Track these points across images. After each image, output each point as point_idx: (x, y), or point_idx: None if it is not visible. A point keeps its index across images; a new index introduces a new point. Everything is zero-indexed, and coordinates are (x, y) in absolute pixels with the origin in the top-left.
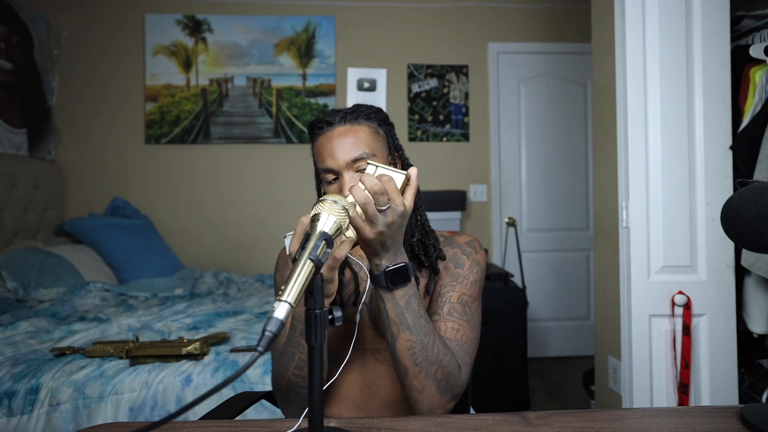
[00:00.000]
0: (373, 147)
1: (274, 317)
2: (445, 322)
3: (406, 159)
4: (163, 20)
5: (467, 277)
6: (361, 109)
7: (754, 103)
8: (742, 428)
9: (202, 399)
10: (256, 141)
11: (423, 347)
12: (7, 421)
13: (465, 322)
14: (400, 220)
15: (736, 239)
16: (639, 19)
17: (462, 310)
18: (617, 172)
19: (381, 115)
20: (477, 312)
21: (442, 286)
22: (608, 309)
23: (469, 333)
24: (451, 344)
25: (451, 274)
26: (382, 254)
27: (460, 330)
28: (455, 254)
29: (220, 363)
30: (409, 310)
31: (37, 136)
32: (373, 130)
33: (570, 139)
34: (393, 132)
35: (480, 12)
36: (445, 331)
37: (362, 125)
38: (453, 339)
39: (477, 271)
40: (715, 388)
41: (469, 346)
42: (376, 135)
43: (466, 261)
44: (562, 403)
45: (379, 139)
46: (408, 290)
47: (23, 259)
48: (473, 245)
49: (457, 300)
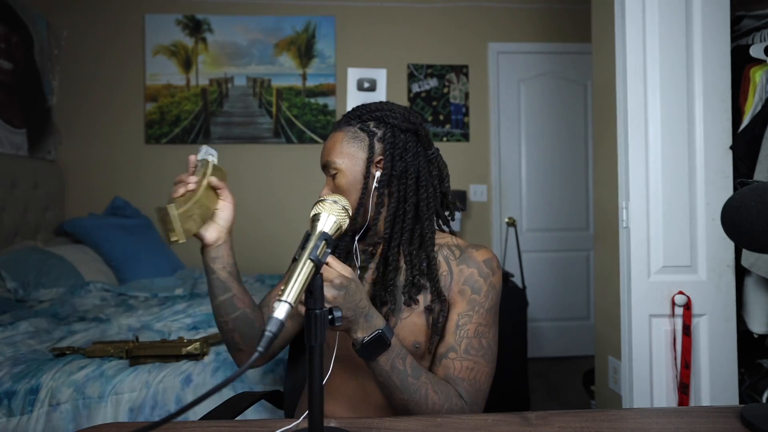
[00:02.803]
0: (345, 152)
1: (273, 317)
2: (461, 361)
3: (407, 165)
4: (163, 20)
5: (483, 304)
6: (356, 111)
7: (754, 103)
8: (742, 428)
9: (201, 399)
10: (256, 141)
11: (416, 404)
12: (7, 421)
13: (481, 358)
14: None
15: (736, 239)
16: (639, 19)
17: (479, 344)
18: (617, 172)
19: (379, 114)
20: (493, 340)
21: (460, 316)
22: (608, 309)
23: (484, 368)
24: (464, 384)
25: (468, 301)
26: (353, 328)
27: (474, 368)
28: (471, 275)
29: (220, 363)
30: (395, 373)
31: (37, 136)
32: (352, 133)
33: (570, 139)
34: (395, 131)
35: (480, 12)
36: (460, 371)
37: (342, 130)
38: (466, 379)
39: (493, 296)
40: (715, 388)
41: (483, 382)
42: (353, 139)
43: (483, 285)
44: (562, 403)
45: (357, 143)
46: (390, 354)
47: (23, 259)
48: (491, 265)
49: (474, 333)
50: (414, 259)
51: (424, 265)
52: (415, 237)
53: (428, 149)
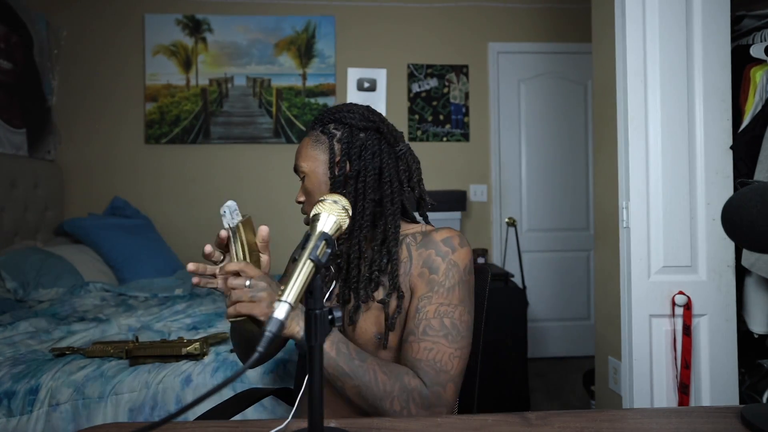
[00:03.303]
0: (309, 156)
1: (274, 317)
2: (419, 342)
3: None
4: (162, 20)
5: (443, 284)
6: (320, 115)
7: (755, 103)
8: (743, 428)
9: (201, 399)
10: (256, 141)
11: (367, 387)
12: (7, 421)
13: (441, 338)
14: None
15: (737, 239)
16: (639, 19)
17: (439, 324)
18: (617, 172)
19: (338, 115)
20: (460, 320)
21: (420, 299)
22: (608, 309)
23: (446, 348)
24: (420, 365)
25: (426, 282)
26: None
27: (433, 348)
28: (429, 256)
29: (220, 363)
30: (341, 357)
31: (37, 136)
32: (315, 137)
33: (570, 139)
34: (353, 131)
35: (480, 12)
36: (417, 352)
37: (308, 135)
38: (423, 359)
39: (454, 273)
40: (715, 389)
41: (444, 362)
42: (316, 143)
43: (441, 264)
44: (562, 404)
45: (319, 146)
46: (332, 338)
47: (23, 259)
48: (451, 243)
49: (433, 315)
50: (375, 255)
51: (384, 261)
52: (378, 233)
53: (395, 146)
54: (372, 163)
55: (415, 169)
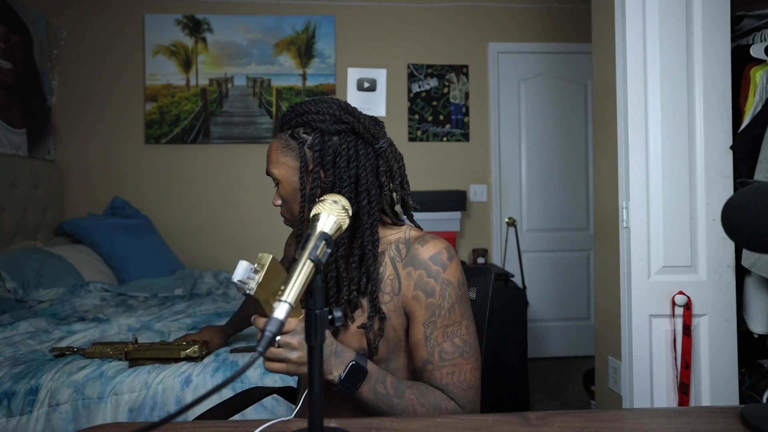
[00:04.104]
0: (280, 162)
1: (274, 317)
2: (439, 369)
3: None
4: (162, 20)
5: (442, 306)
6: (287, 116)
7: (755, 103)
8: (743, 428)
9: (201, 399)
10: (256, 141)
11: None
12: (7, 421)
13: (458, 358)
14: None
15: (737, 239)
16: (639, 19)
17: (451, 347)
18: (617, 172)
19: (307, 118)
20: (468, 332)
21: (425, 326)
22: (608, 309)
23: (465, 366)
24: (449, 389)
25: (426, 307)
26: (328, 368)
27: (455, 371)
28: (420, 278)
29: (219, 363)
30: (380, 398)
31: (37, 136)
32: (284, 142)
33: (570, 139)
34: (324, 136)
35: (480, 12)
36: (441, 379)
37: (277, 137)
38: (451, 383)
39: (450, 292)
40: (715, 389)
41: (468, 380)
42: (285, 149)
43: (435, 286)
44: (562, 404)
45: (289, 152)
46: (370, 381)
47: (23, 259)
48: (439, 260)
49: (443, 339)
50: (352, 274)
51: (364, 281)
52: (355, 249)
53: (374, 143)
54: (347, 171)
55: (396, 168)
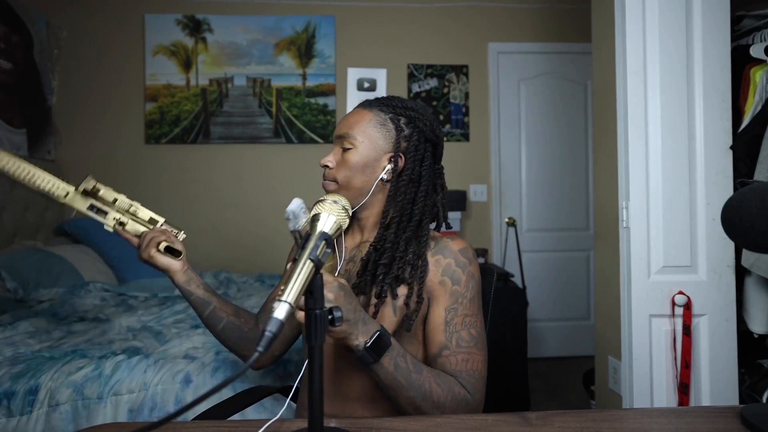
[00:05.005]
0: (368, 134)
1: (273, 317)
2: (455, 355)
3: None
4: (163, 20)
5: (465, 295)
6: (391, 101)
7: (755, 103)
8: (743, 428)
9: (201, 399)
10: (256, 141)
11: (423, 398)
12: (7, 421)
13: (473, 347)
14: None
15: (737, 239)
16: (639, 19)
17: (468, 336)
18: (617, 172)
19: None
20: (481, 327)
21: (447, 311)
22: (608, 309)
23: (478, 356)
24: (462, 375)
25: (450, 294)
26: (354, 333)
27: (469, 360)
28: (449, 266)
29: (220, 363)
30: (399, 371)
31: (37, 136)
32: (381, 120)
33: (570, 139)
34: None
35: (480, 12)
36: (456, 365)
37: (372, 111)
38: (464, 370)
39: (473, 285)
40: (715, 389)
41: (479, 370)
42: (380, 126)
43: (462, 276)
44: (562, 403)
45: (382, 131)
46: (392, 353)
47: (23, 259)
48: (467, 254)
49: (461, 326)
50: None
51: (419, 262)
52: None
53: (437, 164)
54: (428, 173)
55: (446, 191)
